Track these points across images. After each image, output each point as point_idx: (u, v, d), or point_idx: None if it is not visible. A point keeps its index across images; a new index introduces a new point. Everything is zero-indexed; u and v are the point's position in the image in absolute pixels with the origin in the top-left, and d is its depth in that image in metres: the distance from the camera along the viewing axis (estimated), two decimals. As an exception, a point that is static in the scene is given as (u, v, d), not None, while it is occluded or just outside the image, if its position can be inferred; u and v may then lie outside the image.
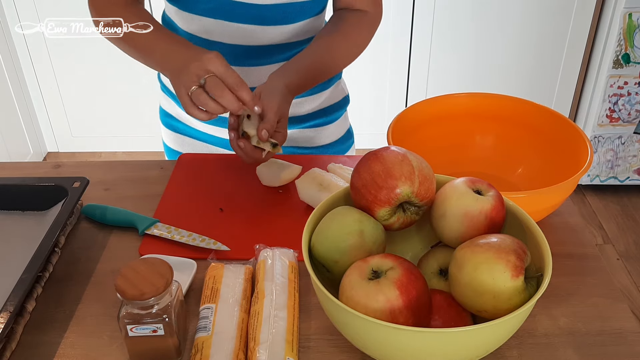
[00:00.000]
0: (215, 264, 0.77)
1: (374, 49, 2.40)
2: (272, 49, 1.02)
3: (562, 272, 0.79)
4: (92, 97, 2.60)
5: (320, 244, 0.67)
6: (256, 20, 0.98)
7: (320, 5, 1.03)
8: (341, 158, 1.03)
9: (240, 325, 0.68)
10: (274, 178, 0.94)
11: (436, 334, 0.56)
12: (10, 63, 2.48)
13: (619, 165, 2.39)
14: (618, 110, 2.27)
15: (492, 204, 0.67)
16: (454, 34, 2.36)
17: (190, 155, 1.05)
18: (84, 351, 0.69)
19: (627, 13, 2.09)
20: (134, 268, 0.64)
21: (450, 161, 0.99)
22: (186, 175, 0.99)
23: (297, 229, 0.73)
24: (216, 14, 0.97)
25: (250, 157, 0.86)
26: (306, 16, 1.01)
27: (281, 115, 0.87)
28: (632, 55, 2.16)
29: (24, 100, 2.58)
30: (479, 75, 2.45)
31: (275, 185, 0.94)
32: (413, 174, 0.67)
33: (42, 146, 2.75)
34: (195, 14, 0.99)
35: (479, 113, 1.00)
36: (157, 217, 0.89)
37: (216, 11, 0.97)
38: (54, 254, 0.81)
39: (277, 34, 1.00)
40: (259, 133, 0.83)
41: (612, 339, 0.70)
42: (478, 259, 0.60)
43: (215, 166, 1.01)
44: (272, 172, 0.94)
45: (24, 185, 0.88)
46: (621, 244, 2.26)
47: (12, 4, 2.36)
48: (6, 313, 0.65)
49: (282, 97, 0.88)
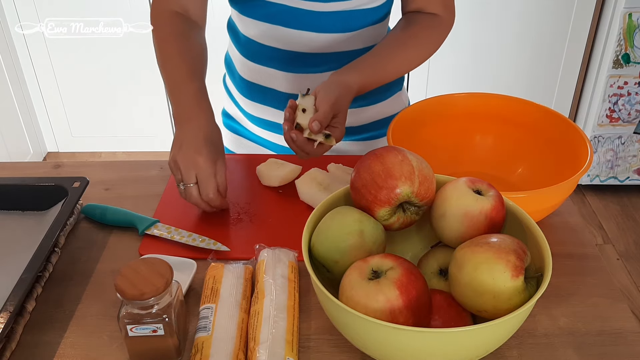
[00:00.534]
0: (215, 264, 0.77)
1: (374, 49, 2.41)
2: (328, 56, 1.00)
3: (562, 272, 0.79)
4: (92, 97, 2.60)
5: (320, 244, 0.67)
6: (314, 27, 0.97)
7: (383, 11, 1.00)
8: (341, 158, 1.03)
9: (240, 326, 0.68)
10: (274, 178, 0.94)
11: (436, 334, 0.56)
12: (10, 63, 2.48)
13: (619, 165, 2.39)
14: (618, 110, 2.27)
15: (492, 204, 0.67)
16: (454, 34, 2.34)
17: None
18: (84, 351, 0.69)
19: (627, 13, 2.09)
20: (134, 268, 0.64)
21: (450, 161, 0.98)
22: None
23: (297, 229, 0.73)
24: (274, 19, 0.97)
25: (302, 150, 0.84)
26: (367, 23, 0.99)
27: (338, 110, 0.84)
28: (632, 55, 2.16)
29: (24, 100, 2.58)
30: (479, 75, 2.45)
31: (275, 185, 0.94)
32: (413, 174, 0.67)
33: (42, 146, 2.75)
34: (254, 18, 0.99)
35: (478, 113, 1.00)
36: (157, 217, 0.89)
37: (275, 17, 0.97)
38: (54, 254, 0.81)
39: (336, 41, 0.99)
40: (310, 124, 0.81)
41: (612, 339, 0.70)
42: (478, 259, 0.60)
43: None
44: (272, 172, 0.94)
45: (24, 185, 0.88)
46: (621, 244, 2.26)
47: (12, 4, 2.36)
48: (6, 313, 0.65)
49: (341, 92, 0.85)
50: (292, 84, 1.03)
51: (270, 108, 1.08)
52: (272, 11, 0.97)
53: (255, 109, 1.10)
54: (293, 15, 0.96)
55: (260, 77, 1.05)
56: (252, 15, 0.99)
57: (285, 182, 0.94)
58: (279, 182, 0.94)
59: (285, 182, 0.94)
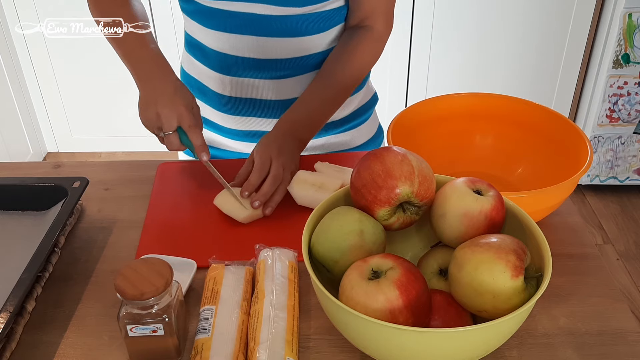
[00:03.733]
0: (215, 265, 0.76)
1: (374, 49, 2.41)
2: (308, 58, 1.01)
3: (562, 272, 0.79)
4: (92, 97, 2.60)
5: (320, 244, 0.67)
6: (291, 32, 0.97)
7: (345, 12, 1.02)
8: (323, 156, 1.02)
9: (240, 327, 0.68)
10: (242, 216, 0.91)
11: (436, 334, 0.56)
12: (10, 63, 2.47)
13: (619, 165, 2.39)
14: (618, 110, 2.27)
15: (492, 204, 0.67)
16: (454, 34, 2.36)
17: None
18: (84, 351, 0.69)
19: (627, 13, 2.09)
20: (134, 268, 0.64)
21: (450, 161, 0.98)
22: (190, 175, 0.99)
23: (297, 229, 0.73)
24: (247, 30, 0.97)
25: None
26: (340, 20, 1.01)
27: (265, 159, 0.90)
28: (632, 55, 2.16)
29: (24, 100, 2.58)
30: (479, 76, 2.45)
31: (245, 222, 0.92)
32: (413, 174, 0.67)
33: (42, 146, 2.75)
34: (224, 31, 0.98)
35: (478, 113, 1.00)
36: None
37: (247, 27, 0.97)
38: (54, 254, 0.81)
39: (314, 42, 1.00)
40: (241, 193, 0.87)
41: (612, 339, 0.70)
42: (478, 259, 0.60)
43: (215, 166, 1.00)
44: (239, 212, 0.91)
45: (24, 185, 0.88)
46: (621, 244, 2.26)
47: (12, 4, 2.36)
48: (6, 313, 0.65)
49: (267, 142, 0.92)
50: (276, 91, 1.03)
51: (256, 118, 1.07)
52: (244, 22, 0.96)
53: (240, 122, 1.08)
54: (267, 23, 0.96)
55: (243, 90, 1.04)
56: (221, 28, 0.98)
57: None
58: (248, 220, 0.88)
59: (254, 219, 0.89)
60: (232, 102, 1.06)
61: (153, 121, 0.88)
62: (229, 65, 1.02)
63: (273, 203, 0.88)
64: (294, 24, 0.97)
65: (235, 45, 0.99)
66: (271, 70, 1.01)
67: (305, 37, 0.99)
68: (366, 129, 1.16)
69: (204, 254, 0.80)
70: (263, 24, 0.96)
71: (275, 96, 1.04)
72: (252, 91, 1.04)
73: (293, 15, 0.95)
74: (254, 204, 0.86)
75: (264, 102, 1.05)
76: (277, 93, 1.03)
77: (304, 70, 1.02)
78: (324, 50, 1.02)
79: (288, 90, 1.03)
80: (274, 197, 0.88)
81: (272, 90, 1.03)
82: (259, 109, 1.05)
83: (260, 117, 1.07)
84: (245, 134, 1.09)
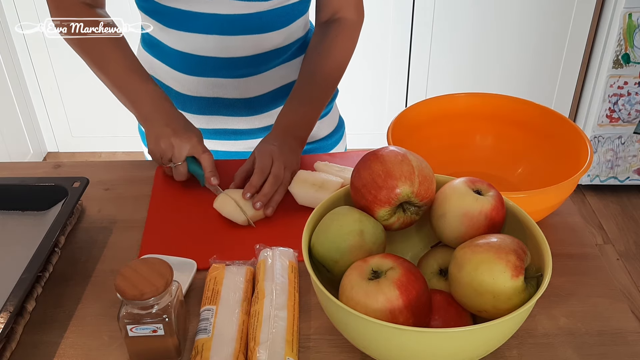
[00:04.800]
0: (216, 265, 0.77)
1: (373, 49, 2.41)
2: (274, 52, 1.02)
3: (562, 272, 0.79)
4: (92, 97, 2.59)
5: (320, 244, 0.67)
6: (255, 29, 0.98)
7: (306, 3, 1.04)
8: (324, 156, 1.03)
9: (240, 328, 0.68)
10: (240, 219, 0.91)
11: (436, 334, 0.56)
12: (10, 63, 2.47)
13: (619, 165, 2.39)
14: (618, 110, 2.27)
15: (492, 204, 0.67)
16: (454, 34, 2.36)
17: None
18: (84, 351, 0.69)
19: (627, 13, 2.09)
20: (134, 268, 0.64)
21: (450, 161, 0.98)
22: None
23: (297, 229, 0.73)
24: (208, 29, 0.97)
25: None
26: (303, 13, 1.03)
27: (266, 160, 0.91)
28: (632, 55, 2.16)
29: (24, 100, 2.58)
30: (479, 75, 2.45)
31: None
32: (413, 174, 0.67)
33: (42, 146, 2.75)
34: (187, 31, 0.97)
35: (478, 113, 1.00)
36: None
37: (208, 27, 0.96)
38: (54, 254, 0.81)
39: (280, 37, 1.01)
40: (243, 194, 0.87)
41: (612, 339, 0.70)
42: (478, 259, 0.60)
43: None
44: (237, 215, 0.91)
45: (24, 185, 0.88)
46: (621, 244, 2.26)
47: (12, 4, 2.36)
48: (6, 313, 0.65)
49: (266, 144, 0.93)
50: (240, 90, 1.04)
51: (220, 117, 1.07)
52: (207, 22, 0.96)
53: (205, 121, 1.08)
54: (231, 21, 0.96)
55: (207, 89, 1.04)
56: (183, 28, 0.98)
57: None
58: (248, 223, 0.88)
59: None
60: (196, 101, 1.06)
61: (166, 152, 0.91)
62: (193, 65, 1.02)
63: (274, 203, 0.88)
64: (258, 21, 0.97)
65: (199, 45, 0.99)
66: (234, 68, 1.01)
67: (267, 34, 0.99)
68: (327, 122, 1.17)
69: (205, 254, 0.80)
70: (227, 23, 0.96)
71: (239, 95, 1.04)
72: (216, 90, 1.04)
73: (257, 12, 0.96)
74: (256, 205, 0.86)
75: (228, 101, 1.05)
76: (241, 91, 1.04)
77: (266, 67, 1.03)
78: (285, 46, 1.03)
79: (251, 89, 1.04)
80: (274, 197, 0.89)
81: (236, 88, 1.04)
82: (223, 107, 1.06)
83: (225, 116, 1.07)
84: (209, 132, 1.09)
